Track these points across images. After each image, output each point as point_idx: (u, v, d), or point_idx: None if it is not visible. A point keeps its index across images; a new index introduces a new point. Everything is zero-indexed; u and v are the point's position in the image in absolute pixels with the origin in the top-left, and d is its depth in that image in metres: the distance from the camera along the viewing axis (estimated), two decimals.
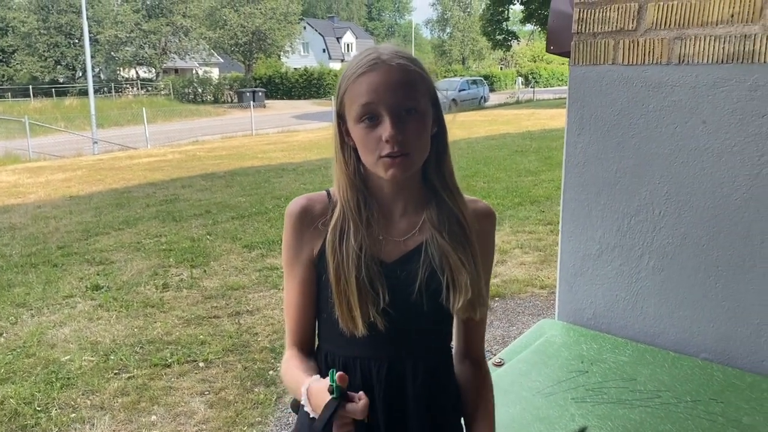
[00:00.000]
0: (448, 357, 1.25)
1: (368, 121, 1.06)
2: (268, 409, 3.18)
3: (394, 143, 1.04)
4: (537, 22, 31.32)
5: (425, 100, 1.09)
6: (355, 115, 1.07)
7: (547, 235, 6.19)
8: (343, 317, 1.12)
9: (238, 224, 7.07)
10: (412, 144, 1.06)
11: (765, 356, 1.88)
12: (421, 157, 1.10)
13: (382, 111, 1.05)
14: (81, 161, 13.94)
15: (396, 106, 1.05)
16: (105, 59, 38.41)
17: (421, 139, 1.08)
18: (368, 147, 1.07)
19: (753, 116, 1.80)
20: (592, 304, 2.20)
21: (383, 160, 1.06)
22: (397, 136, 1.04)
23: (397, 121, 1.05)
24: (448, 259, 1.12)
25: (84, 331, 4.18)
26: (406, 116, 1.06)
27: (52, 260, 5.81)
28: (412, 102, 1.06)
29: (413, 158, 1.07)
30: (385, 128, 1.04)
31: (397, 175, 1.07)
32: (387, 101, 1.04)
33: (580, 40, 2.09)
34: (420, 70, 1.09)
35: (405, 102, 1.05)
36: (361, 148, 1.09)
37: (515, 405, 1.72)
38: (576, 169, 2.16)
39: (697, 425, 1.60)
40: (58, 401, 3.27)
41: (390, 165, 1.06)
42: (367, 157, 1.09)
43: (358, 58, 1.09)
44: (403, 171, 1.07)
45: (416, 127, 1.07)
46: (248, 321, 4.31)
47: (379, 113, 1.05)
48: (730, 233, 1.89)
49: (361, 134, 1.08)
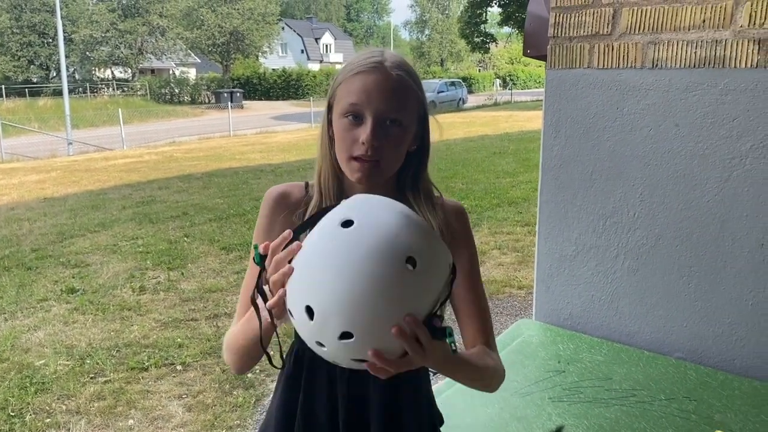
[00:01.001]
0: None
1: (352, 119, 1.08)
2: (246, 411, 3.16)
3: (368, 147, 1.05)
4: (514, 25, 31.56)
5: (412, 116, 1.11)
6: (341, 110, 1.09)
7: (525, 236, 6.25)
8: None
9: (215, 226, 7.02)
10: (385, 153, 1.08)
11: (736, 355, 1.92)
12: (391, 168, 1.12)
13: (367, 114, 1.06)
14: (55, 162, 13.73)
15: (381, 113, 1.06)
16: (80, 59, 37.91)
17: (397, 151, 1.10)
18: (344, 143, 1.09)
19: (724, 120, 1.84)
20: (569, 305, 2.23)
21: (354, 162, 1.08)
22: (373, 141, 1.05)
23: (378, 128, 1.06)
24: None
25: (59, 334, 4.12)
26: (389, 125, 1.07)
27: (25, 263, 5.71)
28: (398, 114, 1.08)
29: (382, 167, 1.09)
30: (364, 130, 1.06)
31: (362, 180, 1.09)
32: (374, 106, 1.06)
33: (556, 43, 2.12)
34: (416, 88, 1.11)
35: (391, 112, 1.07)
36: (338, 143, 1.11)
37: (493, 405, 1.73)
38: (552, 171, 2.19)
39: (670, 423, 1.63)
40: (32, 406, 3.22)
41: (359, 168, 1.08)
42: (341, 153, 1.10)
43: (364, 55, 1.11)
44: (370, 177, 1.09)
45: (395, 139, 1.08)
46: (226, 323, 4.28)
47: (363, 115, 1.07)
48: (702, 234, 1.92)
49: (341, 129, 1.09)
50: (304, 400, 1.19)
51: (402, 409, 1.21)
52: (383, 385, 1.17)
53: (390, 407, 1.19)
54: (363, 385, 1.18)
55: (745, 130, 1.81)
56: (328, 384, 1.18)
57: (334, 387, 1.18)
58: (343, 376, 1.18)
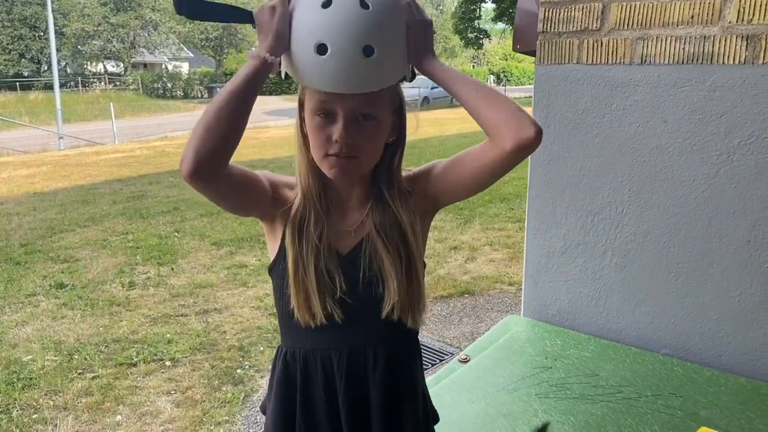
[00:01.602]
0: (412, 345, 1.25)
1: (324, 117, 1.06)
2: (235, 407, 3.15)
3: (342, 145, 1.04)
4: (508, 21, 31.49)
5: (386, 108, 1.09)
6: (312, 107, 1.07)
7: (516, 232, 6.25)
8: (300, 307, 1.12)
9: (206, 222, 6.99)
10: (362, 148, 1.06)
11: (722, 351, 1.93)
12: (370, 162, 1.11)
13: (338, 110, 1.04)
14: (46, 157, 13.63)
15: (352, 109, 1.04)
16: (71, 53, 37.65)
17: (373, 144, 1.09)
18: (318, 142, 1.07)
19: (712, 116, 1.83)
20: (557, 301, 2.23)
21: (329, 159, 1.06)
22: (347, 138, 1.04)
23: (350, 125, 1.04)
24: (381, 264, 1.13)
25: (47, 330, 4.09)
26: (362, 120, 1.05)
27: (14, 258, 5.67)
28: (371, 108, 1.06)
29: (361, 162, 1.08)
30: (336, 128, 1.04)
31: (339, 176, 1.08)
32: (344, 103, 1.04)
33: (545, 39, 2.11)
34: None
35: (363, 107, 1.05)
36: (312, 141, 1.09)
37: (480, 401, 1.73)
38: (541, 168, 2.19)
39: (656, 419, 1.63)
40: (19, 402, 3.20)
41: (335, 164, 1.06)
42: (315, 151, 1.09)
43: None
44: (347, 173, 1.08)
45: (370, 133, 1.07)
46: (216, 319, 4.26)
47: (335, 112, 1.05)
48: (689, 231, 1.93)
49: (313, 127, 1.07)
50: (303, 400, 1.18)
51: (402, 403, 1.21)
52: (382, 380, 1.17)
53: (390, 400, 1.19)
54: (361, 380, 1.18)
55: (733, 126, 1.81)
56: (325, 382, 1.18)
57: (332, 384, 1.17)
58: (341, 369, 1.17)
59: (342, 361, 1.16)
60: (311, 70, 1.00)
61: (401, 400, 1.20)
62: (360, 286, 1.13)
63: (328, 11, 0.96)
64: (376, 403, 1.17)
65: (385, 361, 1.17)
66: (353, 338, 1.16)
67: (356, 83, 1.01)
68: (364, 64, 0.98)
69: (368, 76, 1.01)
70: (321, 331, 1.14)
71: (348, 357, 1.16)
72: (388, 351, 1.17)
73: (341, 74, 0.99)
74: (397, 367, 1.19)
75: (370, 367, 1.16)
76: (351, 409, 1.17)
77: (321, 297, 1.11)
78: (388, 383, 1.18)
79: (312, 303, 1.11)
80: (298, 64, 1.01)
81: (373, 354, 1.16)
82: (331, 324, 1.12)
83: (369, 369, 1.17)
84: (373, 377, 1.17)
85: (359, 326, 1.15)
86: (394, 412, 1.19)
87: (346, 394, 1.16)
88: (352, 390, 1.17)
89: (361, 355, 1.16)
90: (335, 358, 1.16)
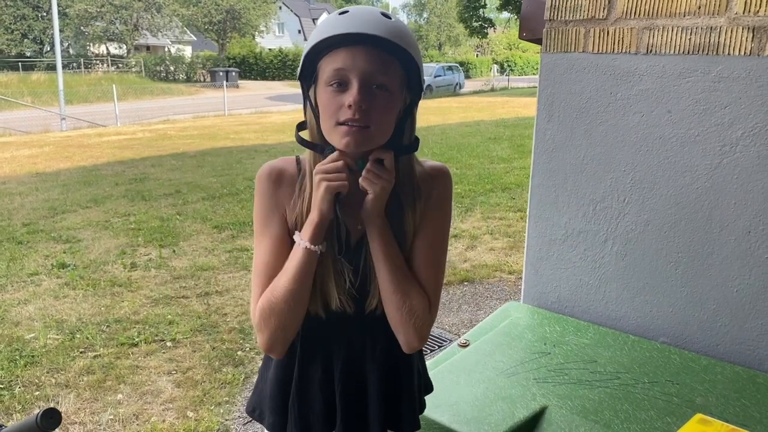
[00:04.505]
0: None
1: (337, 86, 1.04)
2: (235, 388, 3.18)
3: (356, 110, 1.02)
4: (513, 10, 31.34)
5: (398, 83, 1.07)
6: (326, 78, 1.05)
7: (517, 221, 6.27)
8: (313, 295, 1.13)
9: (208, 205, 7.01)
10: (374, 118, 1.04)
11: (720, 340, 1.94)
12: (382, 135, 1.07)
13: (353, 78, 1.03)
14: (48, 137, 13.63)
15: (367, 76, 1.03)
16: (74, 34, 37.48)
17: (385, 116, 1.06)
18: (329, 110, 1.05)
19: (716, 107, 1.84)
20: (557, 288, 2.24)
21: (341, 127, 1.04)
22: (361, 103, 1.02)
23: (365, 91, 1.03)
24: (372, 262, 1.15)
25: (49, 309, 4.12)
26: (375, 90, 1.04)
27: (16, 237, 5.70)
28: (385, 78, 1.04)
29: (372, 132, 1.05)
30: (351, 94, 1.02)
31: (351, 145, 1.04)
32: (360, 68, 1.03)
33: (551, 27, 2.11)
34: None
35: (378, 76, 1.04)
36: (323, 112, 1.07)
37: (479, 384, 1.75)
38: (545, 155, 2.19)
39: (652, 405, 1.65)
40: (21, 379, 3.23)
41: (347, 132, 1.04)
42: (326, 122, 1.06)
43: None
44: (359, 142, 1.04)
45: (383, 104, 1.05)
46: (217, 302, 4.29)
47: (349, 80, 1.03)
48: (690, 221, 1.94)
49: (325, 97, 1.06)
50: (299, 378, 1.20)
51: (401, 383, 1.23)
52: (381, 362, 1.19)
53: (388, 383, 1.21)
54: (360, 362, 1.20)
55: (737, 117, 1.81)
56: (323, 361, 1.20)
57: (330, 364, 1.19)
58: (340, 354, 1.19)
59: (341, 351, 1.20)
60: (332, 23, 1.05)
61: (401, 383, 1.23)
62: (359, 278, 1.16)
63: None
64: (375, 388, 1.20)
65: (381, 351, 1.21)
66: (354, 328, 1.20)
67: (381, 26, 1.03)
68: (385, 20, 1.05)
69: (389, 28, 1.04)
70: (326, 320, 1.17)
71: (347, 347, 1.20)
72: (384, 342, 1.20)
73: (363, 21, 1.04)
74: (393, 356, 1.21)
75: (368, 356, 1.21)
76: (347, 390, 1.20)
77: (338, 288, 1.13)
78: (386, 372, 1.21)
79: (329, 292, 1.14)
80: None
81: (371, 344, 1.21)
82: (335, 313, 1.16)
83: (367, 358, 1.21)
84: (371, 363, 1.20)
85: (360, 316, 1.18)
86: (392, 397, 1.22)
87: (344, 375, 1.20)
88: (349, 370, 1.20)
89: (360, 345, 1.21)
90: (335, 347, 1.20)
